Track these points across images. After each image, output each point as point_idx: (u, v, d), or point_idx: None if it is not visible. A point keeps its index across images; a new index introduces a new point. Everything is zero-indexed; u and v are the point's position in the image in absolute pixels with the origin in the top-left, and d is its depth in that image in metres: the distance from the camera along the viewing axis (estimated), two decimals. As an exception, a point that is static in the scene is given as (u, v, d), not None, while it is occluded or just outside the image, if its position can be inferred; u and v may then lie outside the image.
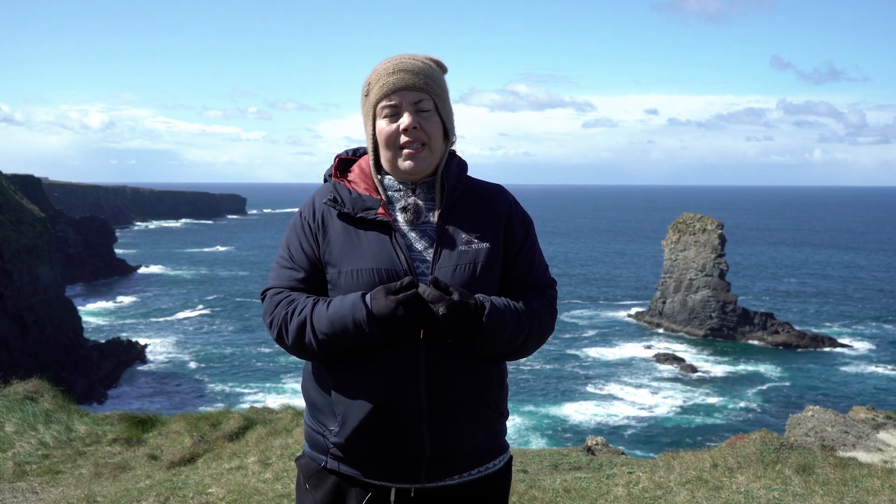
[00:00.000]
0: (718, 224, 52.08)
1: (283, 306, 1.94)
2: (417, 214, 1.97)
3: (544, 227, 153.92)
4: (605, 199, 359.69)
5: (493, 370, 1.99)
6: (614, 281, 78.35)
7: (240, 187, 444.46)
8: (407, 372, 1.87)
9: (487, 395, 1.96)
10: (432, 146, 1.97)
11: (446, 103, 2.02)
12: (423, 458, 1.90)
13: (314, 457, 2.02)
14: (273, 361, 44.24)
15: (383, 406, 1.87)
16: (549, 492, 4.80)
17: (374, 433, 1.89)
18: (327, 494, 1.98)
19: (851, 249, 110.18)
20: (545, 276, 2.09)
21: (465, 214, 2.01)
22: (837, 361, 45.42)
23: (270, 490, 4.82)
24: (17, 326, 38.09)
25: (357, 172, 2.06)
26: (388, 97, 1.94)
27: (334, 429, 1.93)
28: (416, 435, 1.88)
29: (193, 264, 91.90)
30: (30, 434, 6.95)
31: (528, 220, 2.11)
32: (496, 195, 2.09)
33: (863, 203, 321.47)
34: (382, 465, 1.92)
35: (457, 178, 2.03)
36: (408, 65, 1.96)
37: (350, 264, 1.93)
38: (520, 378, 41.14)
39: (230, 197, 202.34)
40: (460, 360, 1.91)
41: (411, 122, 1.93)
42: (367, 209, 1.96)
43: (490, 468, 2.01)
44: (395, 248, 1.92)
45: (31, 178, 58.96)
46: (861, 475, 4.77)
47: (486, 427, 1.98)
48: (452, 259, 1.93)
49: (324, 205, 2.01)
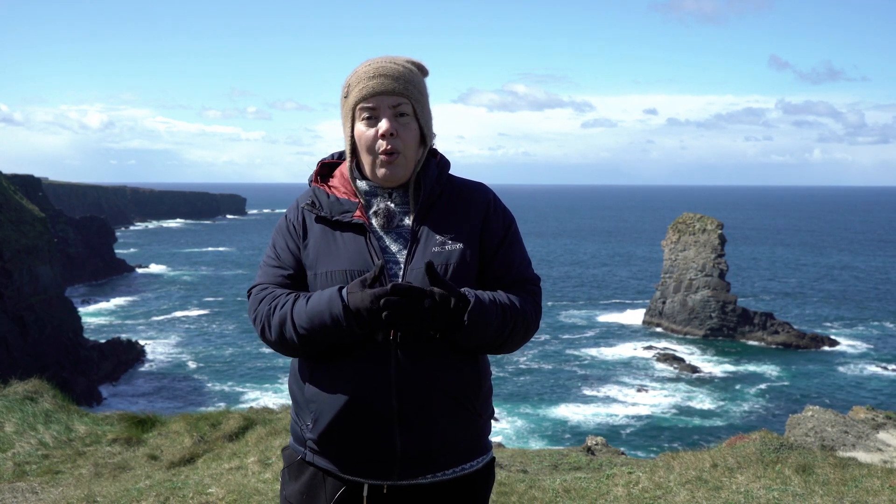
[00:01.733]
0: (718, 224, 52.09)
1: (266, 302, 1.97)
2: (389, 219, 2.00)
3: (544, 227, 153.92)
4: (605, 199, 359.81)
5: (469, 371, 1.98)
6: (614, 281, 78.37)
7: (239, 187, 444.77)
8: (377, 372, 1.89)
9: (462, 396, 1.96)
10: (407, 154, 1.98)
11: (425, 108, 2.03)
12: (394, 457, 1.92)
13: (295, 448, 2.07)
14: (273, 361, 44.24)
15: (353, 406, 1.90)
16: (549, 492, 4.80)
17: (345, 432, 1.93)
18: (304, 485, 2.03)
19: (851, 249, 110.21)
20: (527, 272, 2.08)
21: (441, 216, 2.02)
22: (837, 361, 45.43)
23: (270, 490, 4.83)
24: (17, 326, 38.09)
25: (339, 177, 2.10)
26: (367, 100, 1.96)
27: (309, 424, 1.98)
28: (387, 435, 1.90)
29: (193, 264, 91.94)
30: (30, 434, 6.95)
31: (507, 217, 2.11)
32: (475, 194, 2.09)
33: (862, 203, 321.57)
34: (354, 461, 1.95)
35: (435, 180, 2.05)
36: (388, 69, 1.97)
37: (325, 266, 1.97)
38: (519, 379, 41.16)
39: (230, 197, 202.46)
40: (433, 361, 1.91)
41: (388, 129, 1.95)
42: (344, 212, 2.00)
43: (467, 468, 2.02)
44: (370, 249, 1.95)
45: (31, 178, 59.02)
46: (861, 475, 4.77)
47: (462, 427, 1.98)
48: (425, 260, 1.93)
49: (303, 209, 2.06)
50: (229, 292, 70.42)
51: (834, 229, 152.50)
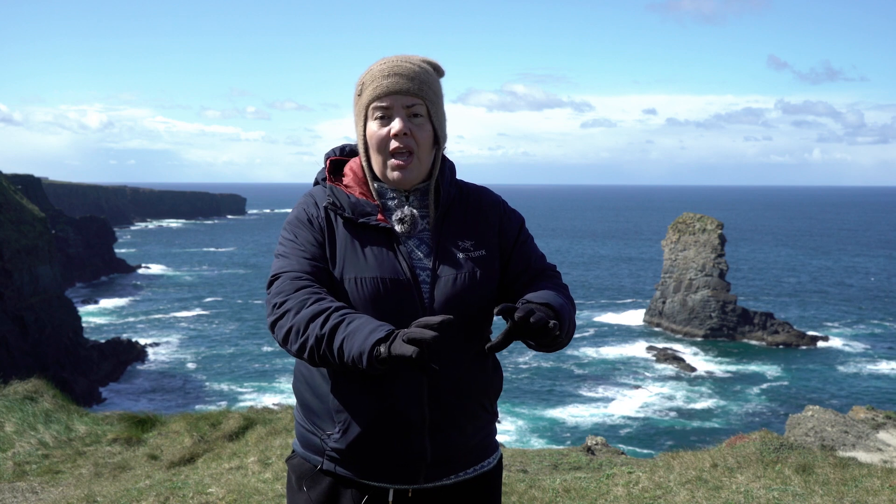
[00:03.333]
0: (718, 224, 52.10)
1: (308, 294, 1.80)
2: (414, 225, 1.95)
3: (544, 227, 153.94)
4: (605, 199, 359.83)
5: (492, 374, 2.02)
6: (614, 281, 78.40)
7: (239, 187, 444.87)
8: (410, 381, 1.88)
9: (485, 401, 2.00)
10: (420, 155, 1.94)
11: (439, 109, 1.99)
12: (423, 462, 1.92)
13: (308, 457, 2.00)
14: (273, 361, 44.27)
15: (386, 415, 1.88)
16: (549, 492, 4.80)
17: (377, 441, 1.90)
18: (322, 495, 1.97)
19: (851, 249, 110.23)
20: (545, 263, 2.10)
21: (459, 220, 2.01)
22: (837, 361, 45.45)
23: (270, 490, 4.83)
24: (17, 326, 38.09)
25: (350, 176, 2.02)
26: (381, 99, 1.91)
27: (333, 434, 1.92)
28: (418, 442, 1.90)
29: (193, 264, 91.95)
30: (30, 434, 6.95)
31: (517, 216, 2.12)
32: (485, 198, 2.09)
33: (862, 203, 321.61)
34: (382, 468, 1.93)
35: (449, 184, 2.04)
36: (403, 68, 1.93)
37: (352, 271, 1.89)
38: (519, 379, 41.16)
39: (230, 197, 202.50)
40: (461, 367, 1.93)
41: (402, 128, 1.90)
42: (366, 215, 1.94)
43: (485, 466, 2.05)
44: (398, 256, 1.91)
45: (31, 178, 59.05)
46: (861, 475, 4.77)
47: (482, 428, 2.02)
48: (452, 267, 1.93)
49: (325, 207, 1.97)
50: (229, 292, 70.41)
51: (834, 229, 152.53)
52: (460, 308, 1.90)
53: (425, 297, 1.90)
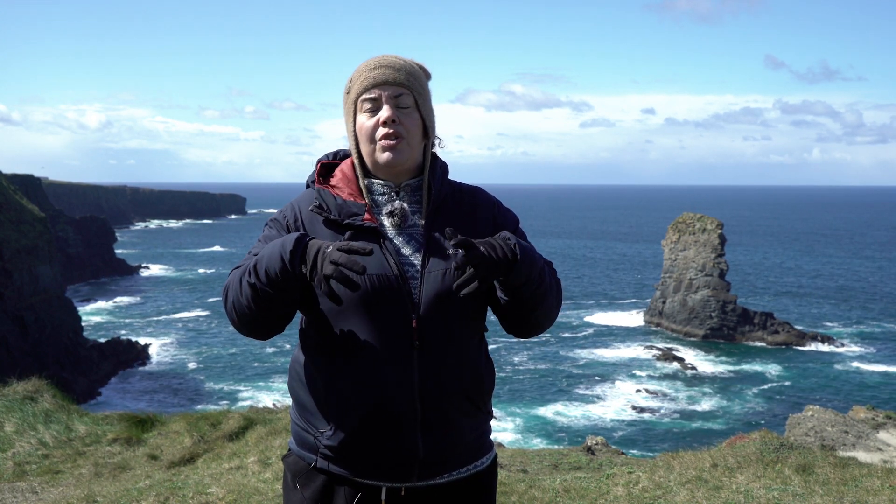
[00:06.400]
0: (718, 224, 52.07)
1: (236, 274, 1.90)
2: (404, 219, 1.95)
3: (544, 227, 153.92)
4: (605, 199, 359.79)
5: (483, 370, 2.01)
6: (614, 281, 78.38)
7: (239, 187, 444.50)
8: (401, 377, 1.87)
9: (477, 396, 1.99)
10: (410, 141, 1.95)
11: (427, 102, 2.00)
12: (415, 460, 1.92)
13: (303, 455, 2.01)
14: (273, 362, 44.26)
15: (378, 411, 1.88)
16: (549, 492, 4.80)
17: (368, 438, 1.90)
18: (316, 493, 1.98)
19: (851, 249, 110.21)
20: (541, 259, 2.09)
21: (451, 217, 2.00)
22: (837, 361, 45.44)
23: (270, 490, 4.82)
24: (17, 326, 38.09)
25: (340, 177, 2.03)
26: (369, 91, 1.94)
27: (326, 431, 1.93)
28: (410, 439, 1.90)
29: (194, 264, 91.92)
30: (30, 434, 6.95)
31: (512, 216, 2.12)
32: (479, 197, 2.09)
33: (862, 203, 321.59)
34: (375, 466, 1.93)
35: (441, 181, 2.04)
36: (389, 61, 1.96)
37: None
38: (519, 379, 41.15)
39: (230, 197, 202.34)
40: (453, 362, 1.92)
41: (391, 115, 1.92)
42: (352, 215, 1.94)
43: (479, 466, 2.05)
44: (385, 253, 1.91)
45: (31, 178, 59.01)
46: (861, 475, 4.77)
47: (475, 426, 2.02)
48: (441, 263, 1.92)
49: (310, 212, 1.98)
50: (229, 292, 70.27)
51: (833, 229, 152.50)
52: (449, 303, 1.90)
53: (414, 292, 1.90)
